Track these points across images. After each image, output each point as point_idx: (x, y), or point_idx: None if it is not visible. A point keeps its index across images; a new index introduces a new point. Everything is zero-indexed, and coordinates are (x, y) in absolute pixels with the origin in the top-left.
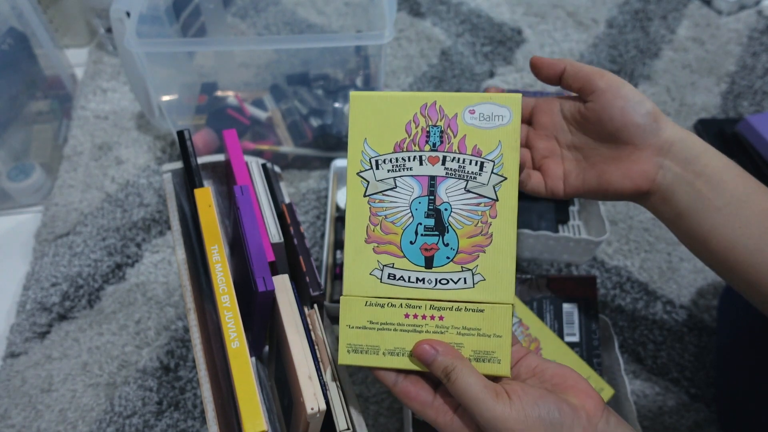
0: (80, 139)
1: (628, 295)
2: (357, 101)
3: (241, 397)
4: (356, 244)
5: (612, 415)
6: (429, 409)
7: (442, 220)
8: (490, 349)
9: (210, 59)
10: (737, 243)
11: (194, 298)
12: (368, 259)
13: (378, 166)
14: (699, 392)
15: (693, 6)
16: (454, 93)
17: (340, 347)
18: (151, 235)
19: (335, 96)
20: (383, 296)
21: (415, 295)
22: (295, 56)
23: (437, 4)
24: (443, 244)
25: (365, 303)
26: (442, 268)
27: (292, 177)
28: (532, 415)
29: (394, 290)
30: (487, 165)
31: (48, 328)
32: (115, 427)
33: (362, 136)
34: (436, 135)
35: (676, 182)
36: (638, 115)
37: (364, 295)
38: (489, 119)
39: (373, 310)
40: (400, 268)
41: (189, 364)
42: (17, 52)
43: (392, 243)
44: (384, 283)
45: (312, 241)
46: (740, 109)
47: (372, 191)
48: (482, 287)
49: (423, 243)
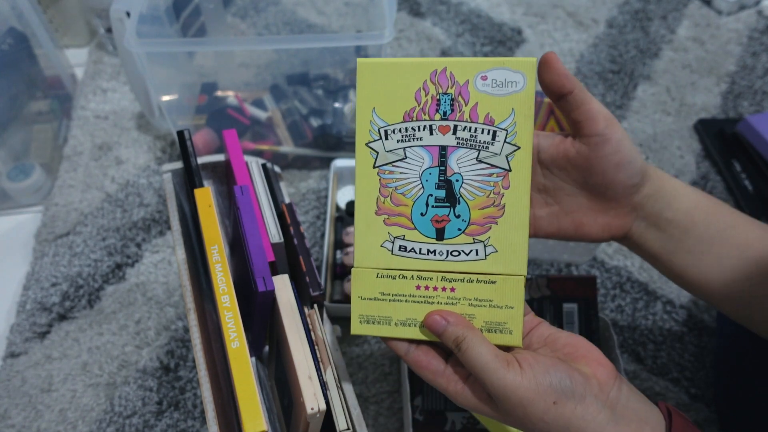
0: (80, 139)
1: (628, 295)
2: (364, 69)
3: (241, 397)
4: (366, 216)
5: (624, 383)
6: (440, 378)
7: (453, 192)
8: (502, 320)
9: (210, 59)
10: (710, 279)
11: (194, 298)
12: (379, 230)
13: (387, 136)
14: (699, 392)
15: (693, 6)
16: (465, 58)
17: (353, 318)
18: (151, 235)
19: (335, 96)
20: (395, 268)
21: (426, 267)
22: (295, 56)
23: (437, 4)
24: (454, 216)
25: (377, 275)
26: (454, 239)
27: (292, 177)
28: (543, 383)
29: (406, 262)
30: (500, 134)
31: (48, 328)
32: (115, 427)
33: (370, 105)
34: (447, 103)
35: (649, 231)
36: (631, 175)
37: (376, 266)
38: (502, 86)
39: (385, 281)
40: (411, 240)
41: (189, 364)
42: (17, 52)
43: (402, 215)
44: (395, 255)
45: (312, 241)
46: (740, 109)
47: (381, 162)
48: (494, 259)
49: (434, 215)
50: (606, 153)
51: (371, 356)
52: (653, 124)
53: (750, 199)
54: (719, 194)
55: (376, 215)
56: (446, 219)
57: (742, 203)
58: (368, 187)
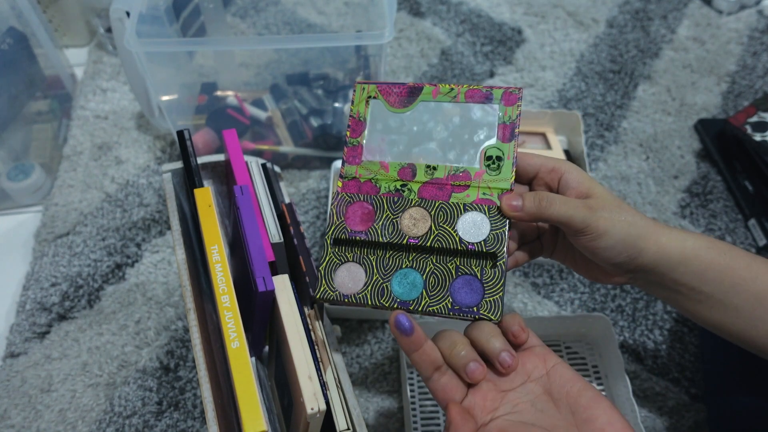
0: (80, 139)
1: (628, 295)
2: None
3: (241, 397)
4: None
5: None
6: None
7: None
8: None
9: (210, 59)
10: (725, 324)
11: (194, 298)
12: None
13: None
14: (699, 392)
15: (693, 6)
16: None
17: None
18: (151, 235)
19: (335, 96)
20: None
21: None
22: (295, 56)
23: (437, 4)
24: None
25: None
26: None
27: (292, 177)
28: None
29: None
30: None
31: (48, 328)
32: (115, 427)
33: None
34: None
35: (653, 287)
36: (621, 257)
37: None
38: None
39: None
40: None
41: (189, 364)
42: (17, 51)
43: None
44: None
45: (312, 241)
46: (741, 109)
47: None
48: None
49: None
50: (601, 242)
51: (371, 356)
52: (653, 123)
53: (750, 199)
54: (719, 194)
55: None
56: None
57: (742, 203)
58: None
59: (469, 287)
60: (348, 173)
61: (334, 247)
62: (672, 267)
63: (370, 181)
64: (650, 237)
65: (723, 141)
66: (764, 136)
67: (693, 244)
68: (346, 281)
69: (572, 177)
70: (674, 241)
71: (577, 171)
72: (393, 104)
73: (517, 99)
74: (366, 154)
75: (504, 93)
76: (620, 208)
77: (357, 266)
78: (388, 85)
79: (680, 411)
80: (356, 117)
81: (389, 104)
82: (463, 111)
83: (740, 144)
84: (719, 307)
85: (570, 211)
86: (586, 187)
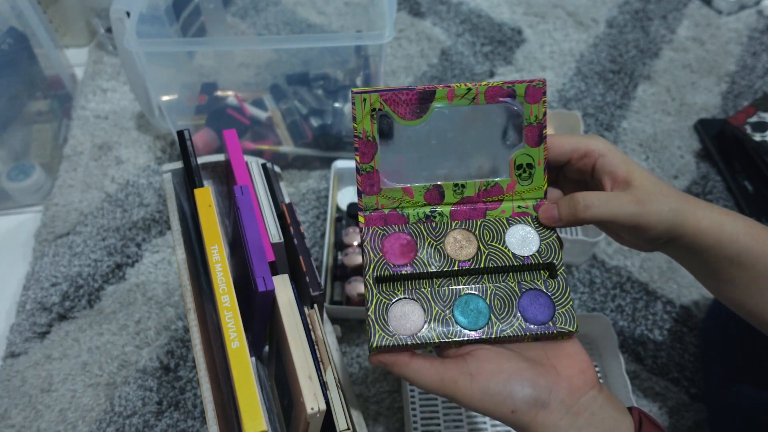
0: (80, 139)
1: (628, 295)
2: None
3: (241, 397)
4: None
5: (603, 393)
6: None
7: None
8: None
9: (210, 59)
10: (745, 304)
11: (194, 298)
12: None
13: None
14: (699, 392)
15: (693, 6)
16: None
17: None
18: (151, 235)
19: (335, 96)
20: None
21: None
22: (295, 56)
23: (437, 4)
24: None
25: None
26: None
27: (292, 177)
28: (497, 395)
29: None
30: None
31: (48, 328)
32: (115, 427)
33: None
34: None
35: (681, 259)
36: (659, 241)
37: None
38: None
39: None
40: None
41: (189, 364)
42: (17, 51)
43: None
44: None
45: (312, 241)
46: (740, 109)
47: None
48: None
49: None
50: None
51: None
52: (653, 124)
53: (750, 199)
54: (719, 194)
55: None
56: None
57: (742, 203)
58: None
59: (537, 302)
60: (368, 205)
61: (378, 286)
62: (706, 248)
63: (395, 210)
64: (690, 220)
65: (723, 141)
66: (764, 136)
67: (731, 228)
68: (402, 321)
69: (607, 161)
70: (714, 224)
71: (612, 153)
72: (403, 116)
73: (541, 95)
74: (384, 181)
75: (527, 88)
76: (664, 196)
77: (412, 302)
78: (393, 92)
79: (680, 411)
80: (363, 137)
81: (399, 116)
82: (485, 114)
83: (740, 144)
84: (743, 288)
85: (614, 209)
86: (624, 171)
